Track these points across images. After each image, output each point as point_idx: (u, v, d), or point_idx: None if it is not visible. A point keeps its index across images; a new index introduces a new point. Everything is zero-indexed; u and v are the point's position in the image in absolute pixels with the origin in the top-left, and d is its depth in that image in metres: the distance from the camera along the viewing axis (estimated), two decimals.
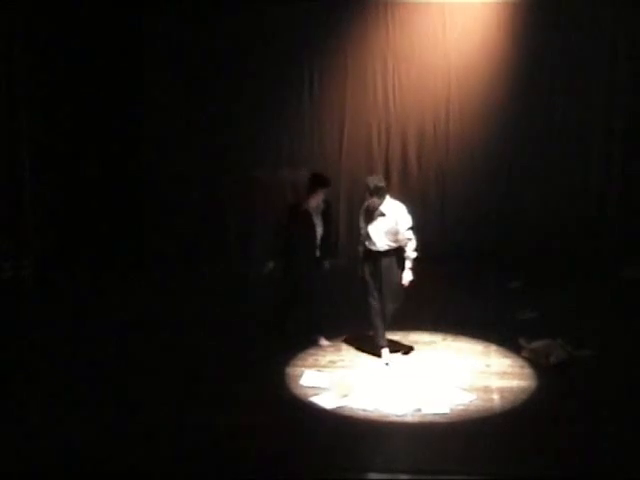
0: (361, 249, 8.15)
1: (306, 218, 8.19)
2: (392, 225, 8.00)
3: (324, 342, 8.42)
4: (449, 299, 9.76)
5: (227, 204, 11.11)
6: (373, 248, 8.05)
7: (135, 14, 10.47)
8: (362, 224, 8.12)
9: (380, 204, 7.99)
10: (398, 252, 8.05)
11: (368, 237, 8.06)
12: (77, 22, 10.02)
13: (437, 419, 6.77)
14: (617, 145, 10.90)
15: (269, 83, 10.90)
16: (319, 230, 8.28)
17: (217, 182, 11.00)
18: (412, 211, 10.93)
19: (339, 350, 8.23)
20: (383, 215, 8.02)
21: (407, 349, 8.33)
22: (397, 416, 6.80)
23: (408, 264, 8.10)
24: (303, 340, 8.32)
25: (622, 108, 10.82)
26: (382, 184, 8.02)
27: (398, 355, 8.13)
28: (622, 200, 10.91)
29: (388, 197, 7.97)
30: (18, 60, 7.23)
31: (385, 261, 8.04)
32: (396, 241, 8.01)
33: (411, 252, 8.03)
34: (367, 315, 8.08)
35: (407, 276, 8.08)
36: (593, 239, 10.77)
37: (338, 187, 10.89)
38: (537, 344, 8.01)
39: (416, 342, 8.44)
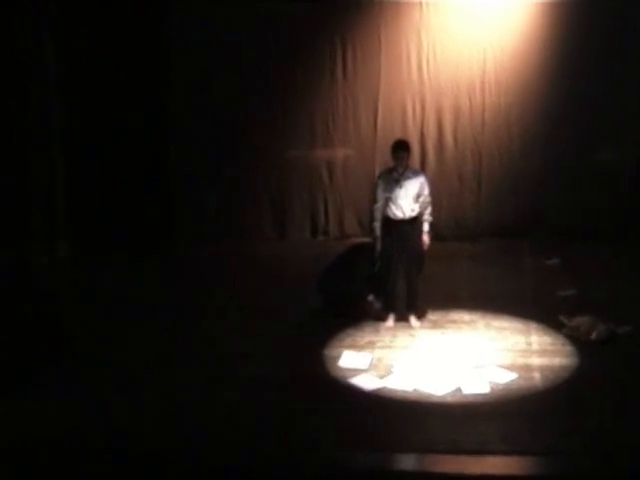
0: (377, 224, 8.05)
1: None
2: (419, 188, 7.93)
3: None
4: (488, 277, 9.66)
5: (262, 186, 11.07)
6: (399, 216, 7.94)
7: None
8: (379, 196, 7.98)
9: (407, 165, 7.90)
10: (418, 217, 8.00)
11: (393, 206, 7.92)
12: (107, 22, 10.08)
13: (477, 399, 6.73)
14: None
15: (302, 62, 10.81)
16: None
17: (252, 163, 10.95)
18: (449, 188, 11.02)
19: (377, 330, 8.19)
20: (410, 178, 7.93)
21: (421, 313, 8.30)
22: (437, 396, 6.77)
23: (426, 227, 8.06)
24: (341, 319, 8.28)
25: None
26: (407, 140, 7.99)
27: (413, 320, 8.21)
28: None
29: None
30: (53, 55, 7.32)
31: (409, 228, 7.98)
32: (419, 205, 7.96)
33: (429, 215, 8.00)
34: (385, 289, 8.10)
35: (427, 240, 8.05)
36: (630, 215, 10.59)
37: (373, 164, 10.81)
38: (578, 321, 7.91)
39: (455, 321, 8.38)
